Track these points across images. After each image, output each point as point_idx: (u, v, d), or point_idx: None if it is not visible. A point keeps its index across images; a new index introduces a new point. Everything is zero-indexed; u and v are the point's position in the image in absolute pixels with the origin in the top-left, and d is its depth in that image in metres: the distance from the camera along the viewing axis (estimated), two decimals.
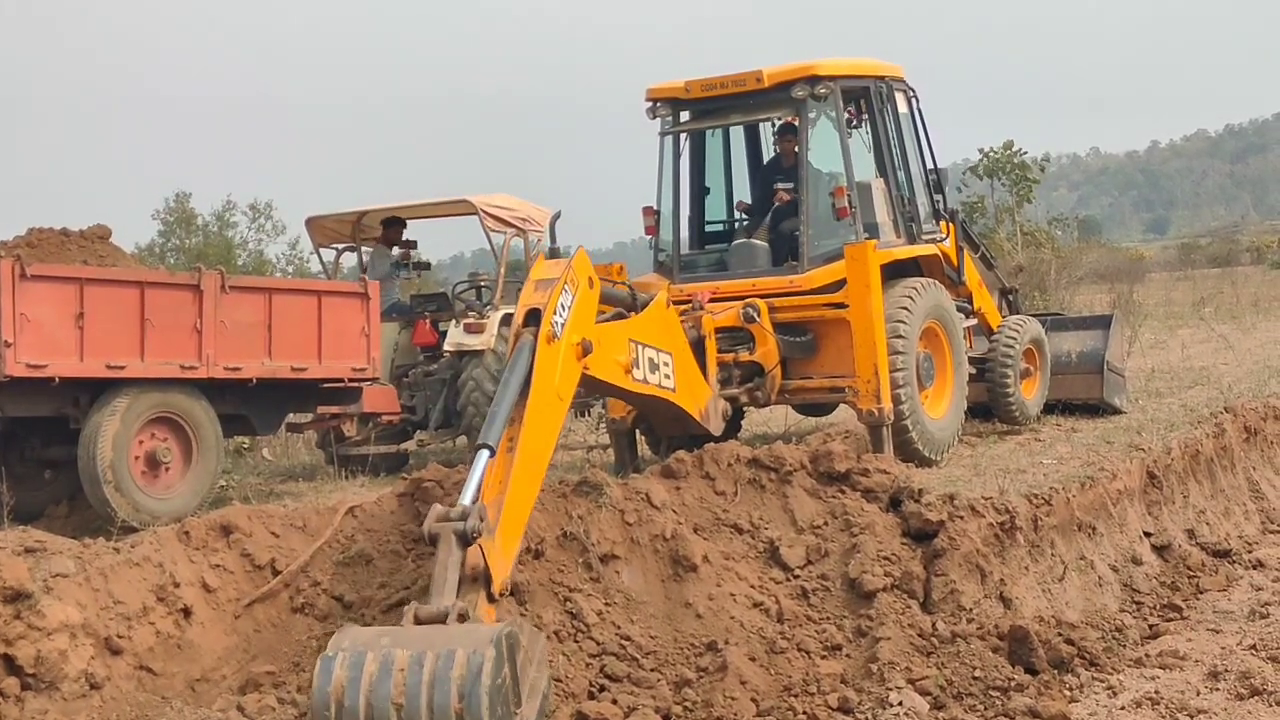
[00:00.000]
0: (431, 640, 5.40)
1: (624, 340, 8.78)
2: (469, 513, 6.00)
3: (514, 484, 6.55)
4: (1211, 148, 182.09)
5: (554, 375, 7.26)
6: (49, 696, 5.86)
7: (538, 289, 7.51)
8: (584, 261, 7.98)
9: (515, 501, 6.55)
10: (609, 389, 8.91)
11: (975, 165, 35.56)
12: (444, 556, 5.89)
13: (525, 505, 6.72)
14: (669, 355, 9.41)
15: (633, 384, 8.80)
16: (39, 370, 9.77)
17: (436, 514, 6.05)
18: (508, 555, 6.41)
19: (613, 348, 8.53)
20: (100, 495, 10.08)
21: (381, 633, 5.56)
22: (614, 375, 8.50)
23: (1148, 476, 10.23)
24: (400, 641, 5.41)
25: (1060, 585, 8.48)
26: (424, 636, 5.47)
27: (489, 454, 6.50)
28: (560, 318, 7.41)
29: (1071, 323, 14.77)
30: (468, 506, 6.05)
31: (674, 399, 9.46)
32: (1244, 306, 30.83)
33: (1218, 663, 7.27)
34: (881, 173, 11.96)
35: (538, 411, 6.96)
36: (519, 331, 7.29)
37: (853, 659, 7.02)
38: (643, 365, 8.93)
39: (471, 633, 5.49)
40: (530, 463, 6.77)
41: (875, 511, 7.92)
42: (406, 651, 5.33)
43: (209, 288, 10.71)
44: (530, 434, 6.83)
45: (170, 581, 6.65)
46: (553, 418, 7.24)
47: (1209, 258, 60.05)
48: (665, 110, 12.04)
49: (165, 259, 40.07)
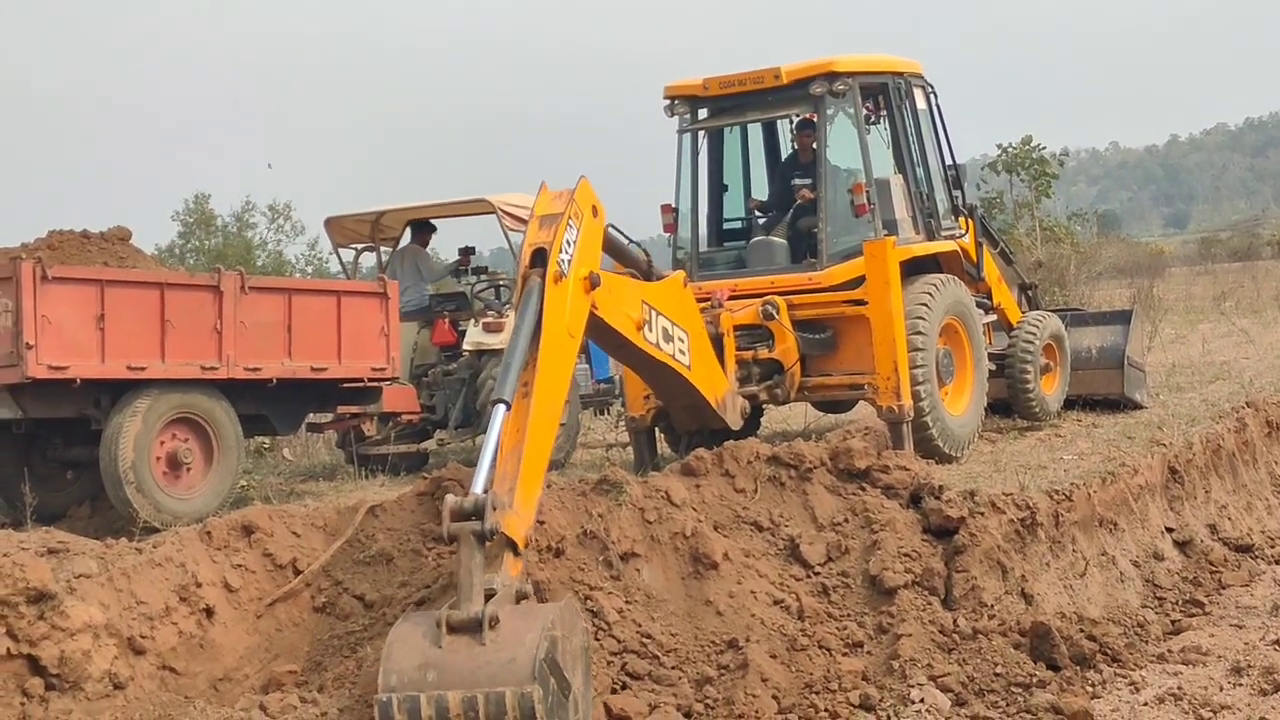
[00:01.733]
0: (476, 675, 5.47)
1: (636, 298, 8.74)
2: (483, 507, 5.87)
3: (531, 431, 6.54)
4: (1232, 141, 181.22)
5: (564, 315, 7.24)
6: (73, 697, 5.88)
7: (542, 226, 7.46)
8: (587, 191, 7.87)
9: (534, 449, 6.53)
10: (619, 341, 8.73)
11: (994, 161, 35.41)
12: (466, 560, 5.83)
13: (544, 450, 6.71)
14: (685, 333, 9.39)
15: (645, 343, 8.75)
16: (60, 372, 9.81)
17: (451, 509, 5.91)
18: (530, 504, 6.39)
19: (624, 300, 8.50)
20: (122, 496, 10.12)
21: (423, 663, 5.56)
22: (624, 326, 8.45)
23: (1169, 472, 10.19)
24: (445, 675, 5.48)
25: (1082, 581, 8.45)
26: (467, 667, 5.50)
27: (505, 409, 6.51)
28: (566, 254, 7.37)
29: (1091, 318, 14.72)
30: (481, 498, 5.92)
31: (690, 377, 9.44)
32: (1265, 300, 30.69)
33: (1241, 658, 7.25)
34: (900, 169, 11.94)
35: (550, 354, 6.96)
36: (526, 273, 7.26)
37: (874, 656, 7.01)
38: (655, 330, 8.89)
39: (511, 664, 5.48)
40: (546, 406, 6.77)
41: (895, 508, 7.91)
42: (458, 695, 5.42)
43: (229, 288, 10.74)
44: (544, 377, 6.83)
45: (192, 581, 6.67)
46: (565, 357, 7.26)
47: (1229, 252, 59.71)
48: (683, 108, 12.04)
49: (185, 260, 40.23)
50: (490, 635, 5.57)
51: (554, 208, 7.59)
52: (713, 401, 9.89)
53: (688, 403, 9.94)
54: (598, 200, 8.03)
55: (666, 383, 9.68)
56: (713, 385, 9.93)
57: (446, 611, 5.67)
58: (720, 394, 10.07)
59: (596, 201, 8.01)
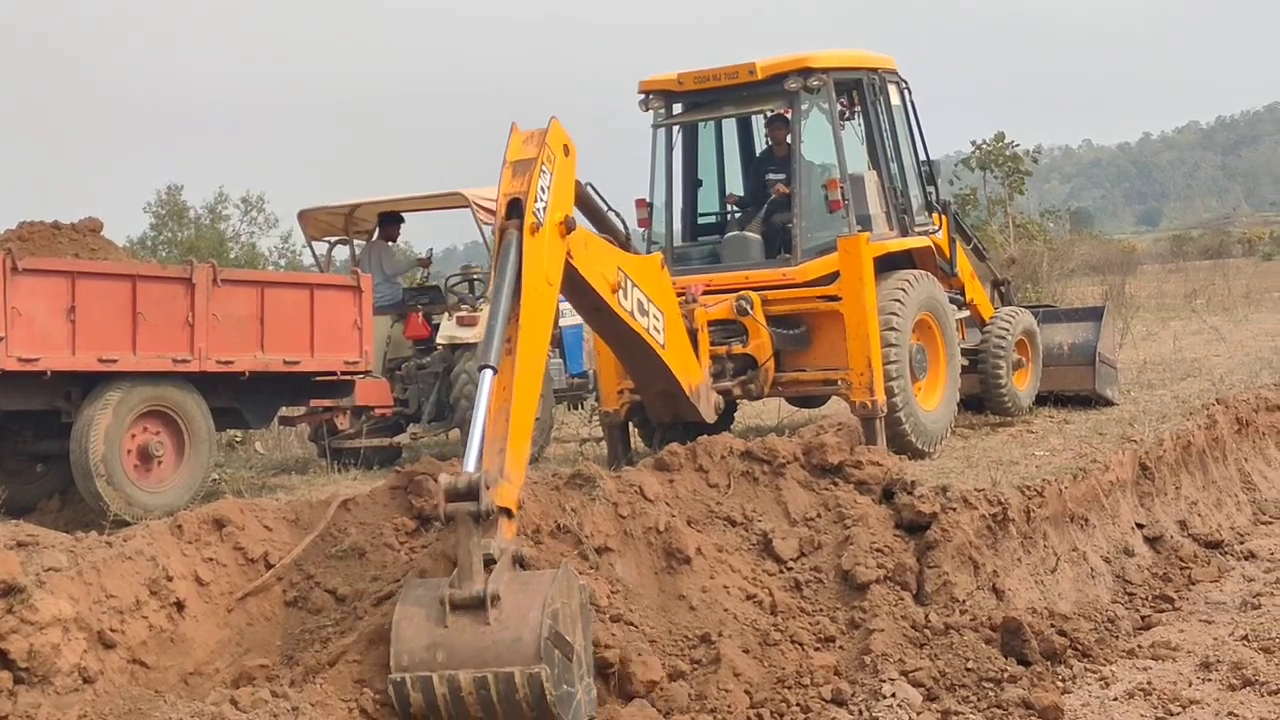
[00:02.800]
0: (483, 654, 5.74)
1: (612, 262, 8.72)
2: (477, 487, 5.95)
3: (518, 387, 6.64)
4: (1203, 140, 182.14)
5: (542, 265, 7.27)
6: (42, 691, 5.84)
7: (515, 174, 7.41)
8: (558, 132, 7.77)
9: (521, 405, 6.64)
10: (594, 302, 8.68)
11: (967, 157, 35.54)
12: (465, 539, 5.94)
13: (530, 405, 6.82)
14: (661, 313, 9.38)
15: (619, 307, 8.75)
16: (31, 364, 9.75)
17: (446, 490, 6.00)
18: (520, 466, 6.50)
19: (599, 258, 8.48)
20: (92, 489, 10.06)
21: (432, 643, 5.80)
22: (599, 284, 8.44)
23: (1140, 468, 10.23)
24: (454, 655, 5.76)
25: (1053, 577, 8.48)
26: (475, 646, 5.76)
27: (492, 373, 6.58)
28: (541, 203, 7.35)
29: (1063, 314, 14.78)
30: (475, 478, 6.00)
31: (664, 356, 9.43)
32: (1235, 298, 30.89)
33: (1210, 653, 7.28)
34: (874, 165, 11.97)
35: (531, 305, 7.02)
36: (503, 225, 7.25)
37: (846, 651, 7.02)
38: (630, 298, 8.89)
39: (517, 643, 5.74)
40: (530, 360, 6.88)
41: (868, 503, 7.92)
42: (469, 674, 5.71)
43: (201, 281, 10.69)
44: (527, 331, 6.91)
45: (163, 575, 6.63)
46: (546, 307, 7.32)
47: (1201, 250, 60.10)
48: (658, 102, 12.03)
49: (157, 252, 40.00)
50: (494, 613, 5.77)
51: (526, 153, 7.51)
52: (686, 388, 9.87)
53: (662, 388, 9.91)
54: (569, 139, 7.92)
55: (641, 361, 9.63)
56: (687, 371, 9.91)
57: (449, 591, 5.83)
58: (694, 383, 10.05)
59: (568, 140, 7.90)
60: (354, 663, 6.08)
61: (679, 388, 9.82)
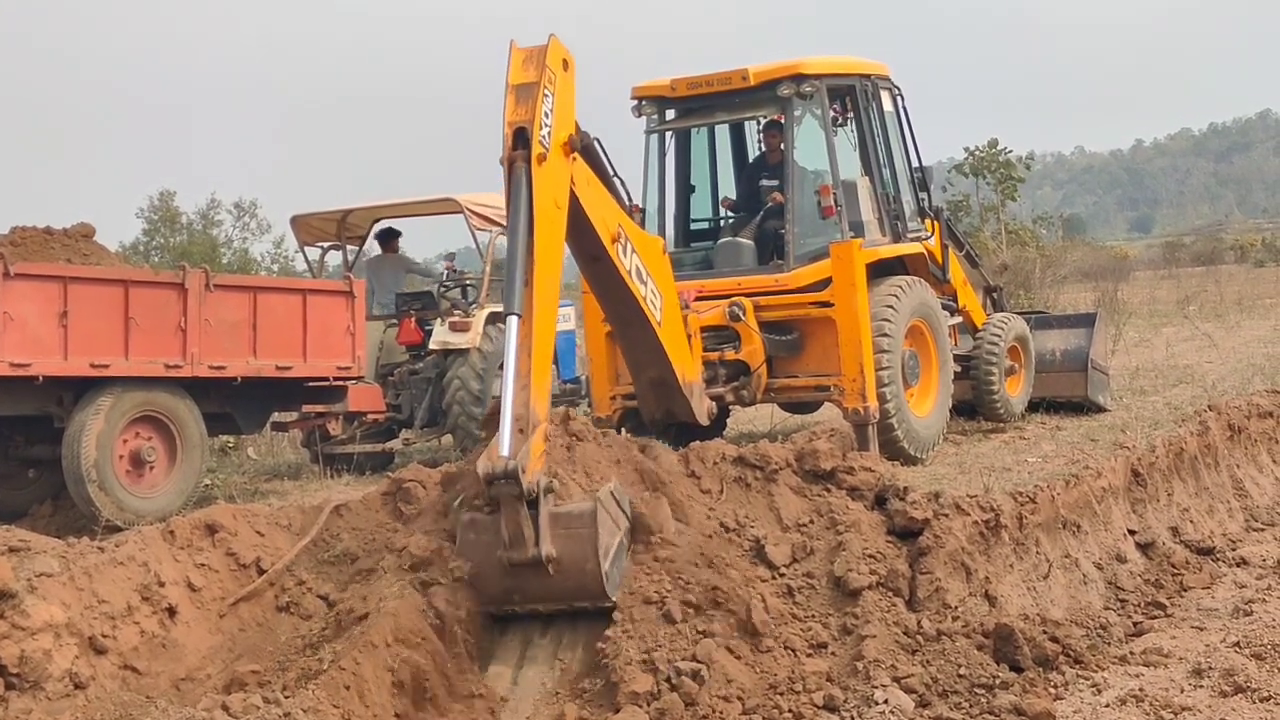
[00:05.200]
0: (555, 593, 6.60)
1: (614, 215, 8.80)
2: (515, 472, 6.30)
3: (538, 324, 6.89)
4: (1196, 146, 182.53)
5: (551, 191, 7.40)
6: (33, 696, 5.83)
7: (519, 101, 7.41)
8: (557, 48, 7.70)
9: (541, 341, 6.92)
10: (594, 250, 8.64)
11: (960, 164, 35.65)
12: (513, 516, 6.41)
13: (549, 337, 7.15)
14: (660, 293, 9.43)
15: (619, 260, 8.77)
16: (23, 369, 9.74)
17: (486, 471, 6.37)
18: (544, 400, 6.82)
19: (601, 204, 8.53)
20: (84, 494, 10.06)
21: (507, 588, 6.61)
22: (600, 226, 8.46)
23: (1132, 474, 10.23)
24: (529, 596, 6.63)
25: (1045, 583, 8.48)
26: (546, 589, 6.59)
27: (518, 320, 6.83)
28: (546, 129, 7.39)
29: (1056, 321, 14.79)
30: (511, 464, 6.32)
31: (660, 335, 9.43)
32: (1228, 305, 30.95)
33: (1202, 660, 7.28)
34: (867, 171, 11.98)
35: (544, 233, 7.20)
36: (511, 156, 7.31)
37: (838, 657, 7.00)
38: (630, 259, 8.94)
39: (583, 589, 6.57)
40: (546, 291, 7.11)
41: (860, 510, 7.91)
42: (549, 606, 6.69)
43: (193, 286, 10.69)
44: (542, 260, 7.09)
45: (155, 581, 6.62)
46: (556, 233, 7.47)
47: (1193, 256, 60.24)
48: (651, 108, 12.04)
49: (150, 257, 39.98)
50: (553, 567, 6.47)
51: (528, 76, 7.48)
52: (680, 379, 9.80)
53: (656, 375, 9.81)
54: (568, 53, 7.84)
55: (636, 336, 9.56)
56: (682, 361, 9.86)
57: (507, 554, 6.45)
58: (689, 377, 9.99)
59: (567, 54, 7.83)
60: (346, 669, 6.07)
61: (673, 376, 9.74)
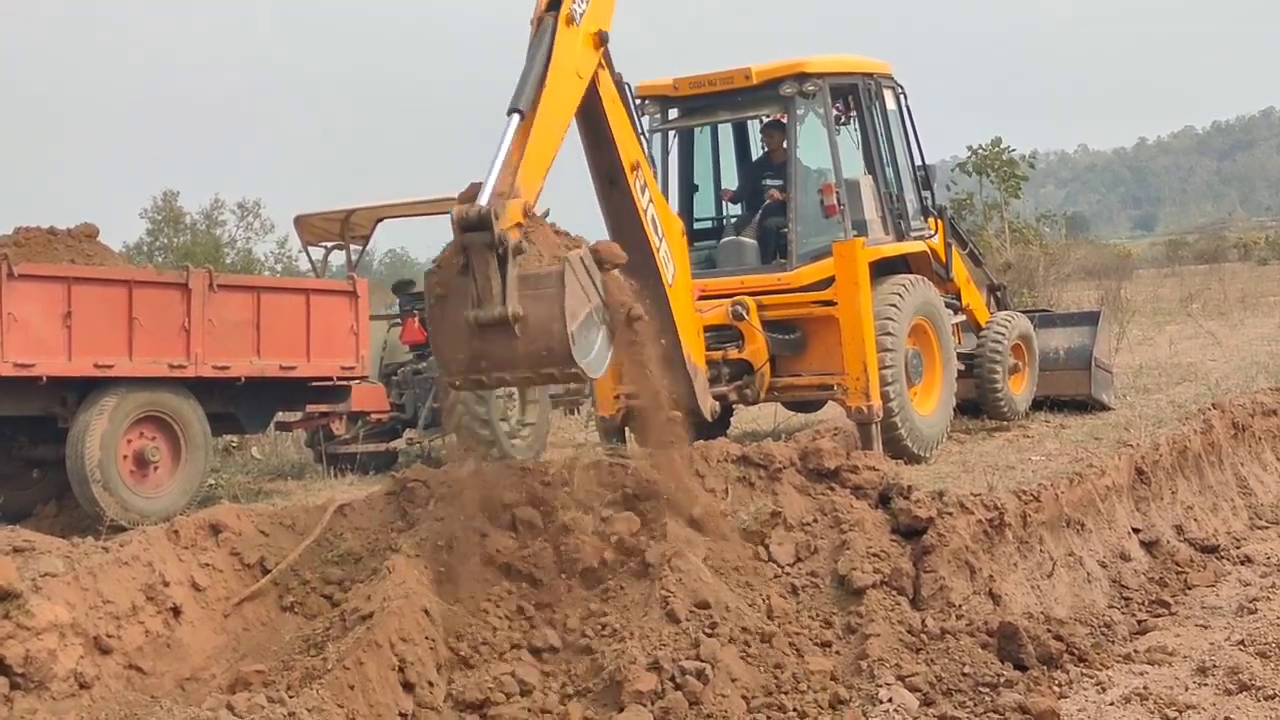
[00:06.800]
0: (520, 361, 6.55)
1: (635, 146, 9.08)
2: (489, 218, 6.43)
3: (538, 126, 7.08)
4: (1199, 145, 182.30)
5: (574, 56, 7.67)
6: (38, 696, 5.84)
7: None
8: None
9: (539, 139, 7.10)
10: (611, 170, 8.90)
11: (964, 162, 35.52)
12: (482, 267, 6.47)
13: (550, 142, 7.32)
14: (675, 263, 9.58)
15: (635, 190, 8.94)
16: (27, 369, 9.75)
17: (459, 221, 6.52)
18: (532, 182, 6.96)
19: (625, 126, 8.83)
20: (88, 494, 10.06)
21: (473, 355, 6.58)
22: (622, 141, 8.75)
23: (1136, 473, 10.23)
24: (495, 363, 6.59)
25: (1049, 582, 8.48)
26: (512, 355, 6.54)
27: (520, 117, 7.02)
28: (580, 6, 7.75)
29: (1059, 319, 14.78)
30: (485, 210, 6.47)
31: (670, 295, 9.49)
32: (1231, 303, 30.94)
33: (1206, 658, 7.28)
34: (870, 170, 11.97)
35: (557, 82, 7.42)
36: (541, 15, 7.61)
37: (842, 656, 7.01)
38: (646, 201, 9.11)
39: (550, 352, 6.50)
40: (551, 120, 7.29)
41: (864, 508, 7.91)
42: (517, 374, 6.76)
43: (197, 286, 10.69)
44: (550, 100, 7.31)
45: (159, 580, 6.63)
46: (572, 92, 7.70)
47: (1196, 254, 60.19)
48: (654, 108, 12.04)
49: (153, 258, 40.04)
50: (520, 328, 6.45)
51: None
52: (686, 354, 9.76)
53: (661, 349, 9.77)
54: None
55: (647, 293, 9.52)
56: (690, 339, 9.90)
57: (474, 312, 6.43)
58: (695, 360, 9.97)
59: None
60: (350, 668, 6.07)
61: (679, 349, 9.66)
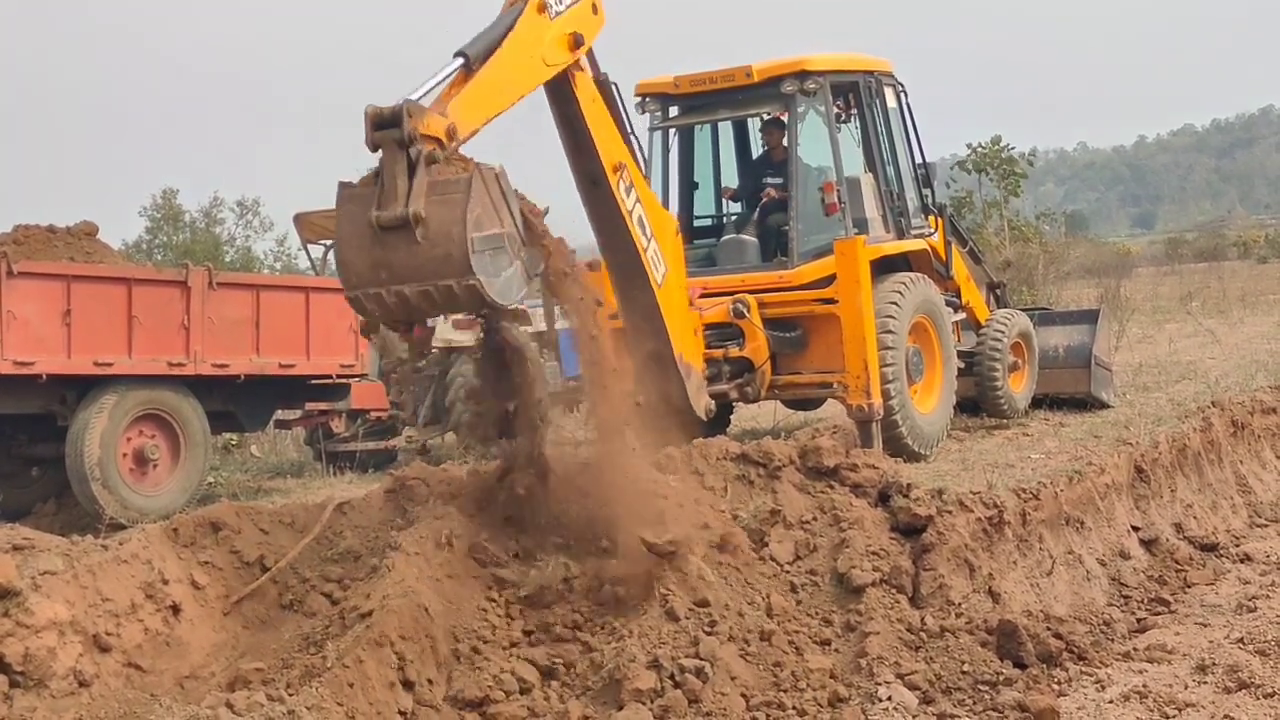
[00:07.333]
0: (421, 270, 6.20)
1: (618, 147, 8.88)
2: (399, 114, 6.23)
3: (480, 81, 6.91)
4: (1198, 143, 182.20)
5: (539, 41, 7.53)
6: (37, 694, 5.84)
7: None
8: None
9: (478, 89, 6.90)
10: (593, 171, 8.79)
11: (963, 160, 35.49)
12: (390, 165, 6.25)
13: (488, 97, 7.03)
14: (666, 262, 9.43)
15: (618, 192, 8.83)
16: (26, 367, 9.75)
17: (372, 118, 6.28)
18: (470, 110, 6.77)
19: (606, 126, 8.66)
20: (88, 492, 10.06)
21: (374, 263, 6.26)
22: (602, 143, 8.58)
23: (1135, 471, 10.24)
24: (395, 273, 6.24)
25: (1048, 580, 8.48)
26: (411, 264, 6.20)
27: (464, 63, 6.86)
28: (558, 6, 7.70)
29: (1059, 317, 14.77)
30: (398, 106, 6.27)
31: (658, 297, 9.42)
32: (1231, 301, 30.93)
33: (1205, 656, 7.28)
34: (870, 168, 11.96)
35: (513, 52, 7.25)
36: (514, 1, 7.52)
37: (842, 654, 7.01)
38: (631, 201, 8.98)
39: (448, 259, 6.17)
40: (497, 76, 7.09)
41: (864, 506, 7.91)
42: (414, 287, 6.24)
43: (196, 284, 10.69)
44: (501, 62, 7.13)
45: (159, 579, 6.63)
46: (528, 66, 7.53)
47: (1196, 252, 60.14)
48: (654, 105, 12.02)
49: (152, 256, 39.99)
50: (421, 232, 6.17)
51: None
52: (677, 354, 9.71)
53: (653, 348, 9.72)
54: None
55: (636, 296, 9.52)
56: (682, 339, 9.82)
57: (377, 213, 6.18)
58: (687, 356, 9.93)
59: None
60: (350, 666, 6.06)
61: (669, 350, 9.66)
